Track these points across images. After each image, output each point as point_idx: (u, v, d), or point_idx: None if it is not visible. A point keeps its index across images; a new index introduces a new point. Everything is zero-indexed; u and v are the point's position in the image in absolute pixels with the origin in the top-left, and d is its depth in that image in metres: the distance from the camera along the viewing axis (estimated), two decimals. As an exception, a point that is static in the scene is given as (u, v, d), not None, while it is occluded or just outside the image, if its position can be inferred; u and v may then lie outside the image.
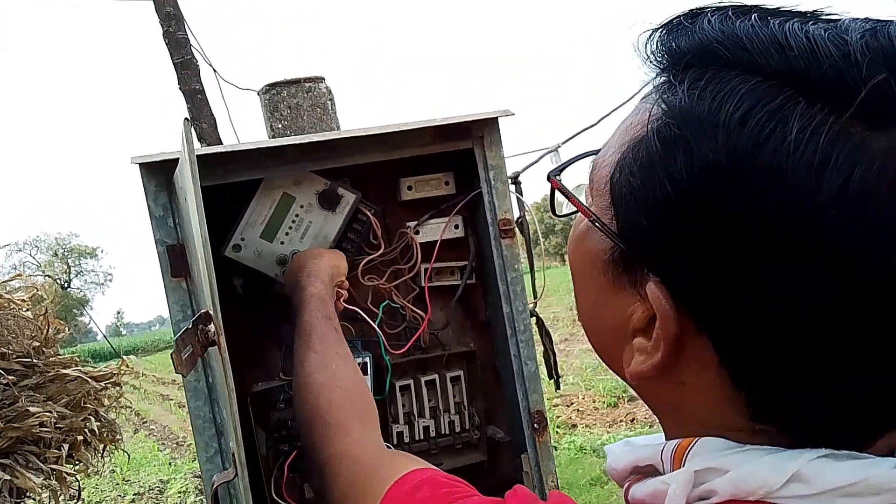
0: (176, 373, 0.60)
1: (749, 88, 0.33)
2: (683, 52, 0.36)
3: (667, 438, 0.42)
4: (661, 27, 0.38)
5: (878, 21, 0.33)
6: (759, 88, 0.32)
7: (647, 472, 0.42)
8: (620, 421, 5.24)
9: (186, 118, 0.53)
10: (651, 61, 0.38)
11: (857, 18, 0.33)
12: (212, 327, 0.56)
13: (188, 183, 0.56)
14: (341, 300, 1.05)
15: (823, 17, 0.34)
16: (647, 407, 0.47)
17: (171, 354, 0.59)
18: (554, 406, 5.80)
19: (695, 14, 0.37)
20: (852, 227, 0.30)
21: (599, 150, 0.44)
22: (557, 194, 0.47)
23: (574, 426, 5.32)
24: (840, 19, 0.34)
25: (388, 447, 1.05)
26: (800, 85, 0.32)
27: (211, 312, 0.57)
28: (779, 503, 0.34)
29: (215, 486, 0.67)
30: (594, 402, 5.87)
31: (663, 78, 0.38)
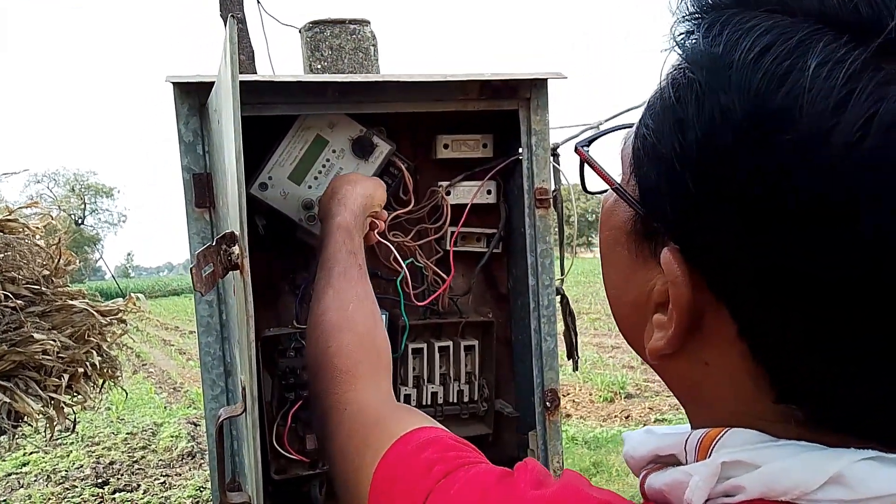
0: (194, 290, 0.57)
1: (769, 26, 0.30)
2: (711, 1, 0.34)
3: (693, 428, 0.39)
4: None
5: None
6: (779, 25, 0.30)
7: (667, 461, 0.39)
8: (615, 416, 5.24)
9: (232, 14, 0.49)
10: (683, 19, 0.36)
11: None
12: (236, 249, 0.53)
13: (226, 87, 0.52)
14: (375, 231, 0.99)
15: None
16: (642, 406, 0.44)
17: (191, 269, 0.55)
18: (551, 394, 5.80)
19: None
20: (874, 175, 0.27)
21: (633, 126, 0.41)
22: (587, 170, 0.45)
23: (568, 416, 5.32)
24: None
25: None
26: (827, 19, 0.29)
27: (237, 233, 0.53)
28: None
29: (221, 419, 0.64)
30: (591, 394, 5.86)
31: (686, 26, 0.35)
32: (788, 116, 0.28)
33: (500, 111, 1.07)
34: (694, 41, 0.34)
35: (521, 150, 1.08)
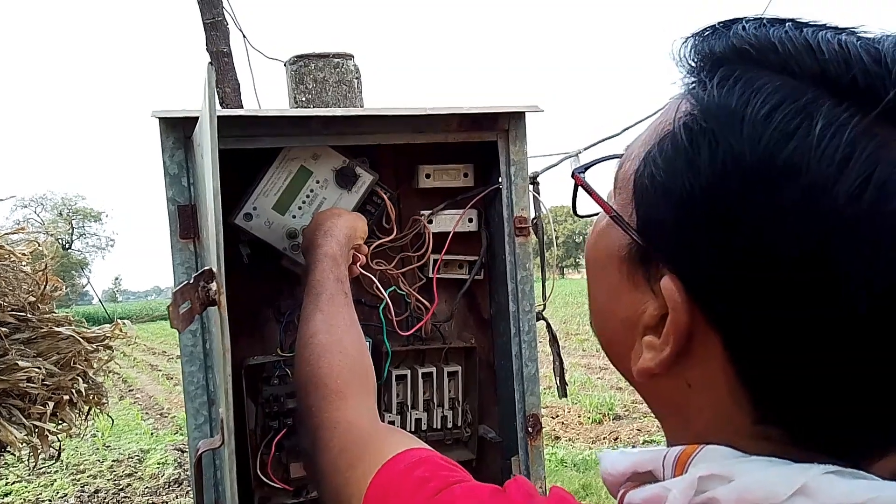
0: (171, 327, 0.58)
1: (777, 86, 0.33)
2: (716, 53, 0.37)
3: (669, 445, 0.42)
4: (696, 33, 0.39)
5: None
6: (787, 87, 0.33)
7: (645, 478, 0.40)
8: (604, 438, 5.23)
9: (210, 62, 0.51)
10: (684, 64, 0.39)
11: (892, 34, 0.34)
12: (214, 285, 0.54)
13: (206, 125, 0.54)
14: (357, 264, 1.02)
15: (858, 32, 0.35)
16: (630, 427, 0.46)
17: (168, 307, 0.57)
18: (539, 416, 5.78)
19: (730, 22, 0.38)
20: (869, 227, 0.30)
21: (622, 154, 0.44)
22: (579, 194, 0.47)
23: (557, 438, 5.30)
24: (874, 35, 0.34)
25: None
26: (828, 86, 0.32)
27: (214, 270, 0.55)
28: None
29: (200, 452, 0.65)
30: (579, 416, 5.85)
31: (694, 77, 0.38)
32: (796, 168, 0.32)
33: (481, 142, 1.09)
34: (707, 93, 0.36)
35: (500, 180, 1.11)
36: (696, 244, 0.36)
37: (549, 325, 1.16)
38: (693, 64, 0.39)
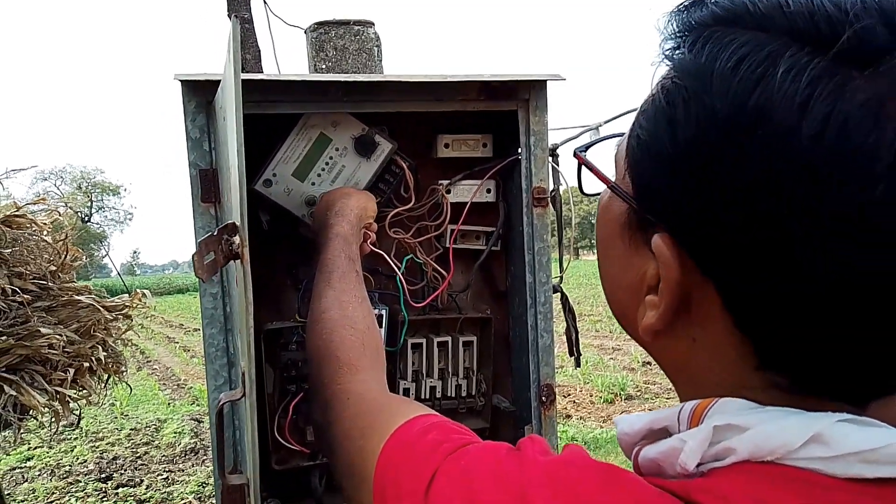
0: (195, 276, 0.59)
1: (745, 41, 0.35)
2: (694, 22, 0.39)
3: (682, 402, 0.42)
4: (678, 7, 0.41)
5: None
6: (754, 40, 0.34)
7: (660, 435, 0.41)
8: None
9: (235, 14, 0.51)
10: (669, 37, 0.41)
11: None
12: (237, 239, 0.55)
13: (228, 84, 0.54)
14: (368, 242, 1.03)
15: None
16: (641, 408, 0.47)
17: (193, 256, 0.58)
18: (552, 395, 5.80)
19: None
20: (834, 161, 0.31)
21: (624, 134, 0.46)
22: (584, 173, 0.50)
23: (569, 416, 5.33)
24: None
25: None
26: (793, 35, 0.34)
27: (238, 224, 0.55)
28: (796, 465, 0.34)
29: (221, 402, 0.67)
30: (591, 395, 5.87)
31: (671, 43, 0.40)
32: (763, 114, 0.33)
33: (500, 111, 1.09)
34: (680, 54, 0.39)
35: (519, 150, 1.10)
36: (681, 199, 0.37)
37: (564, 296, 1.16)
38: (674, 29, 0.40)
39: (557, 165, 1.20)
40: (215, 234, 0.56)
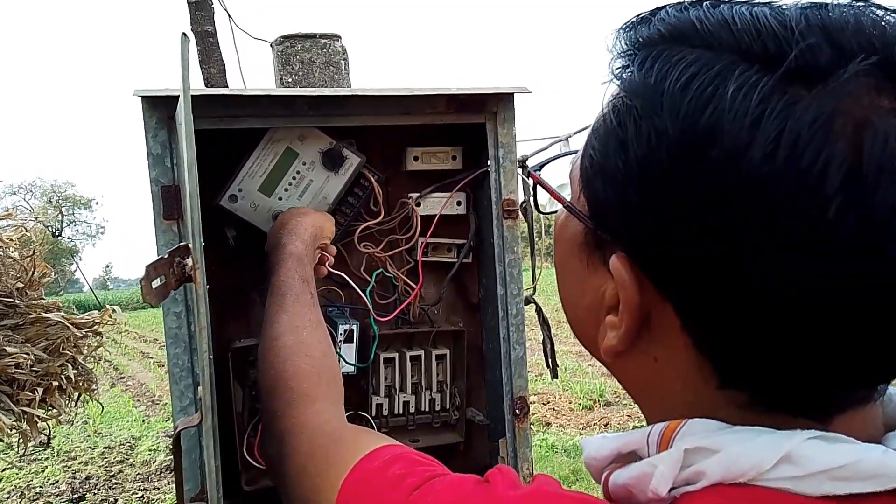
0: (143, 301, 0.57)
1: (693, 59, 0.35)
2: (641, 39, 0.39)
3: (648, 423, 0.42)
4: (625, 23, 0.41)
5: (820, 2, 0.35)
6: (703, 59, 0.34)
7: (629, 459, 0.40)
8: (594, 424, 5.27)
9: (184, 32, 0.50)
10: (618, 56, 0.40)
11: (800, 2, 0.36)
12: (189, 261, 0.53)
13: (181, 102, 0.53)
14: (326, 264, 1.01)
15: (771, 3, 0.36)
16: (620, 414, 0.47)
17: (140, 281, 0.56)
18: (530, 403, 5.82)
19: (656, 9, 0.40)
20: (786, 179, 0.31)
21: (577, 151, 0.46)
22: (540, 192, 0.50)
23: (548, 424, 5.34)
24: (785, 4, 0.36)
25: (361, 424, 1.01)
26: (741, 53, 0.34)
27: (190, 245, 0.54)
28: (768, 485, 0.33)
29: (178, 430, 0.65)
30: (570, 403, 5.89)
31: (620, 62, 0.40)
32: (713, 135, 0.33)
33: (469, 124, 1.09)
34: (630, 73, 0.38)
35: (489, 163, 1.10)
36: (634, 217, 0.37)
37: (538, 308, 1.16)
38: (623, 48, 0.40)
39: (527, 177, 1.20)
40: (166, 256, 0.55)
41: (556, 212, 0.48)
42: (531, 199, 0.51)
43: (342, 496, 0.52)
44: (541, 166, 0.49)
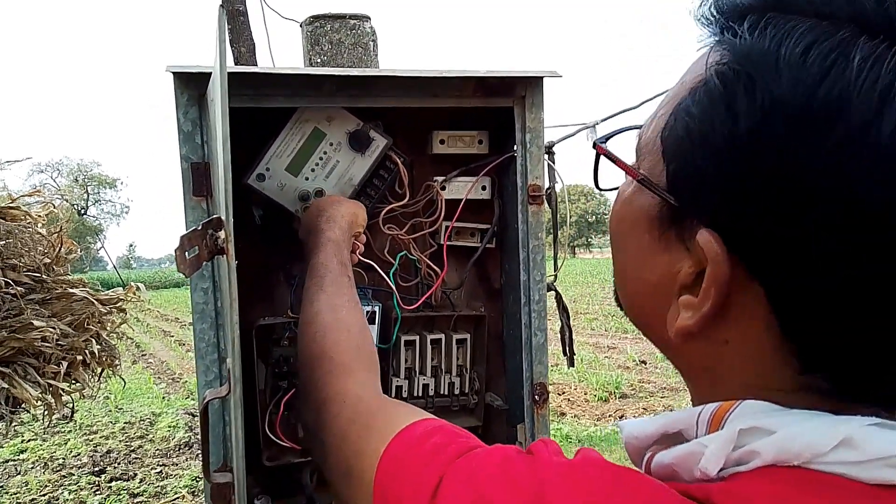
0: (178, 271, 0.58)
1: (809, 26, 0.33)
2: (741, 5, 0.36)
3: (695, 404, 0.41)
4: None
5: None
6: (819, 27, 0.32)
7: (674, 440, 0.40)
8: (609, 416, 5.26)
9: (221, 5, 0.50)
10: (706, 22, 0.38)
11: None
12: (222, 233, 0.54)
13: (216, 76, 0.53)
14: (357, 252, 1.02)
15: None
16: (636, 406, 0.46)
17: (175, 250, 0.57)
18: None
19: None
20: None
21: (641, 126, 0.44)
22: (601, 166, 0.47)
23: (563, 414, 5.34)
24: None
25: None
26: (861, 23, 0.32)
27: (223, 218, 0.54)
28: (823, 469, 0.33)
29: (206, 400, 0.66)
30: (585, 394, 5.88)
31: (719, 30, 0.38)
32: (837, 107, 0.31)
33: (496, 108, 1.08)
34: (738, 38, 0.36)
35: (515, 147, 1.10)
36: (736, 193, 0.35)
37: (558, 295, 1.16)
38: (718, 19, 0.38)
39: (553, 163, 1.19)
40: (199, 228, 0.55)
41: (615, 188, 0.46)
42: (592, 173, 0.48)
43: (384, 463, 0.52)
44: (606, 138, 0.47)
